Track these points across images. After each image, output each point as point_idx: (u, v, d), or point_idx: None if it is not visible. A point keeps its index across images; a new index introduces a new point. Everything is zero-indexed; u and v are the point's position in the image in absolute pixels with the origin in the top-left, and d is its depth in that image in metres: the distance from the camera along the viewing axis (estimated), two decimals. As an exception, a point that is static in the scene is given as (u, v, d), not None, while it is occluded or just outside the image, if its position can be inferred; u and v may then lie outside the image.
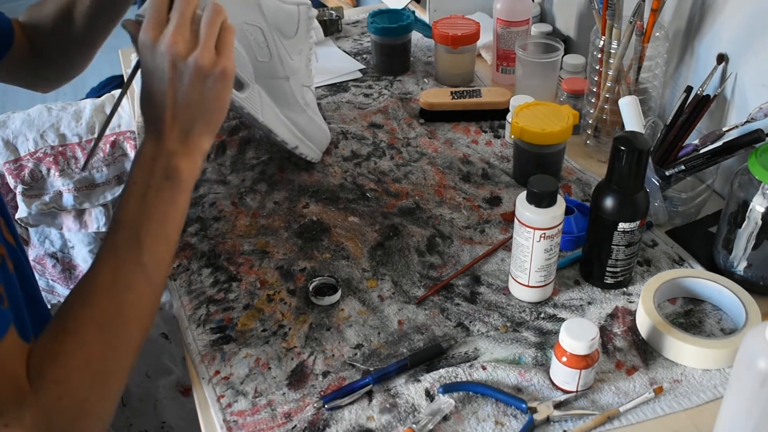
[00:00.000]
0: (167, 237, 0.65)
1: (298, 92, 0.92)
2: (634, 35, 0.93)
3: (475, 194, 0.97)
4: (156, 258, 0.64)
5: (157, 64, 0.64)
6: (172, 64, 0.63)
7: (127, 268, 0.62)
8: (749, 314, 0.73)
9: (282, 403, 0.69)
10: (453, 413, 0.67)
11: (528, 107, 0.97)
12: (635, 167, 0.73)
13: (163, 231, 0.65)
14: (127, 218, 0.64)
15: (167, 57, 0.63)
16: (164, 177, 0.65)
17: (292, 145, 0.95)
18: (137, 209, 0.64)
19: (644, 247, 0.87)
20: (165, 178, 0.65)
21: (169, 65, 0.63)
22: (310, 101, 0.97)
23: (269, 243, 0.89)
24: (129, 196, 0.64)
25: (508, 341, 0.75)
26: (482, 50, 1.30)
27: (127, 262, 0.62)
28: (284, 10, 0.85)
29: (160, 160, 0.65)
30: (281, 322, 0.78)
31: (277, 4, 0.84)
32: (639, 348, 0.74)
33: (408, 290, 0.82)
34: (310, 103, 0.97)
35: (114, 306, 0.61)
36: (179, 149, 0.65)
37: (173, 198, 0.65)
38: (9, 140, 1.34)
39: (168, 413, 0.95)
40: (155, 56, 0.64)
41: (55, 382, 0.56)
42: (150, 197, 0.64)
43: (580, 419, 0.67)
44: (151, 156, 0.65)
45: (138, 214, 0.64)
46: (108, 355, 0.60)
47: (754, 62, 0.89)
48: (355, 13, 1.52)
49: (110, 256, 0.62)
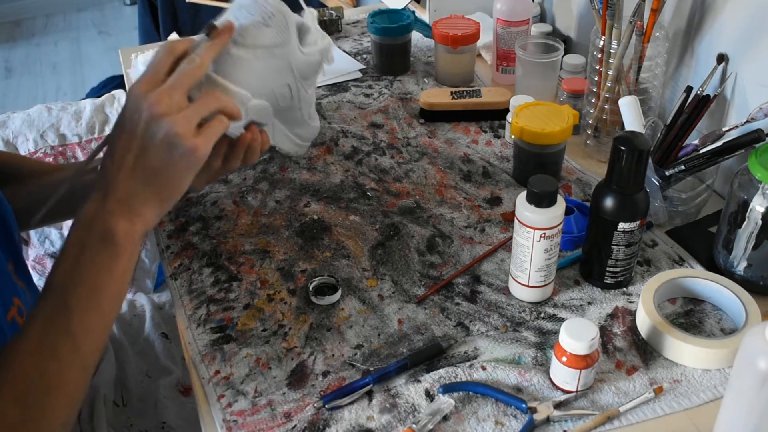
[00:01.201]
0: (100, 306, 0.62)
1: (306, 113, 0.93)
2: (634, 35, 0.93)
3: (476, 194, 0.97)
4: (86, 327, 0.60)
5: (134, 117, 0.62)
6: (148, 121, 0.61)
7: (53, 335, 0.59)
8: (749, 314, 0.73)
9: (282, 403, 0.69)
10: (453, 413, 0.67)
11: (528, 107, 0.97)
12: (635, 167, 0.73)
13: (95, 299, 0.61)
14: (58, 281, 0.61)
15: (146, 112, 0.61)
16: (100, 240, 0.61)
17: (292, 153, 0.96)
18: (69, 272, 0.61)
19: (644, 247, 0.87)
20: (100, 240, 0.61)
21: (145, 121, 0.61)
22: (312, 112, 0.98)
23: (270, 242, 0.89)
24: (63, 257, 0.61)
25: (508, 341, 0.75)
26: (482, 50, 1.30)
27: (54, 328, 0.59)
28: (309, 62, 0.85)
29: (98, 220, 0.62)
30: (281, 322, 0.78)
31: (305, 59, 0.84)
32: (639, 348, 0.74)
33: (408, 289, 0.82)
34: (312, 114, 0.98)
35: (36, 373, 0.58)
36: (119, 210, 0.62)
37: (108, 264, 0.62)
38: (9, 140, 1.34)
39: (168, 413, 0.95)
40: (136, 108, 0.62)
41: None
42: (83, 261, 0.61)
43: (580, 419, 0.67)
44: (91, 215, 0.62)
45: (69, 278, 0.61)
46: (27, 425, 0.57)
47: (754, 62, 0.89)
48: (355, 13, 1.52)
49: (38, 320, 0.60)
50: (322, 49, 0.87)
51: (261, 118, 0.82)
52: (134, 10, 3.87)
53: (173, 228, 0.93)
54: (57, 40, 3.70)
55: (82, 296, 0.60)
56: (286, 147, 0.94)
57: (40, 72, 3.40)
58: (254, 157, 0.81)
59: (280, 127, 0.90)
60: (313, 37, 0.88)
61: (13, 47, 3.64)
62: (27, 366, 0.58)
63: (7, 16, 3.87)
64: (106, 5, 4.06)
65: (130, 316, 1.08)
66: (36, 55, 3.55)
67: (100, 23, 3.88)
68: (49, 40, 3.70)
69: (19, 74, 3.39)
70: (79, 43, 3.67)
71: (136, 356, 1.02)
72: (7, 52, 3.58)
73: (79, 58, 3.51)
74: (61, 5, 3.99)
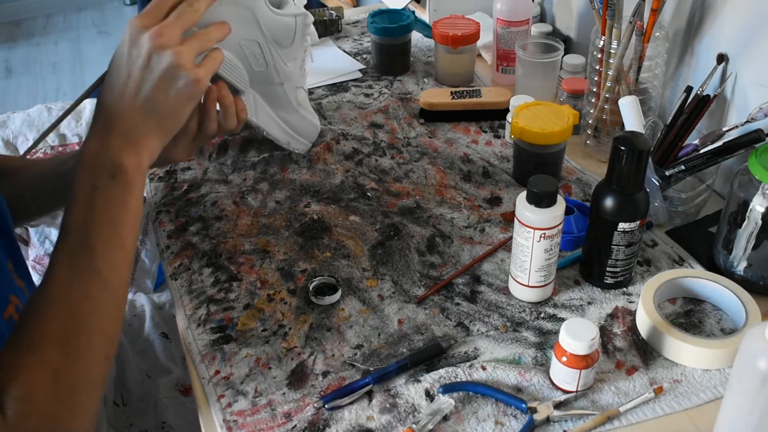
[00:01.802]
0: (121, 240, 0.63)
1: (291, 94, 0.94)
2: (634, 35, 0.93)
3: (476, 194, 0.97)
4: (111, 263, 0.61)
5: (134, 51, 0.63)
6: (149, 53, 0.62)
7: (81, 277, 0.60)
8: (749, 314, 0.73)
9: (282, 403, 0.69)
10: (453, 413, 0.67)
11: (528, 107, 0.97)
12: (635, 167, 0.73)
13: (115, 234, 0.62)
14: (76, 224, 0.61)
15: (147, 45, 0.62)
16: (109, 177, 0.62)
17: (284, 142, 0.97)
18: (85, 214, 0.61)
19: (644, 247, 0.87)
20: (110, 177, 0.62)
21: (146, 53, 0.63)
22: (303, 100, 0.98)
23: (270, 242, 0.89)
24: (75, 201, 0.62)
25: (508, 341, 0.75)
26: (482, 50, 1.30)
27: (81, 269, 0.60)
28: (281, 23, 0.86)
29: (103, 157, 0.62)
30: (281, 322, 0.78)
31: (275, 17, 0.85)
32: (639, 348, 0.74)
33: (408, 290, 0.82)
34: (303, 103, 0.98)
35: (71, 317, 0.59)
36: (125, 144, 0.63)
37: (122, 199, 0.63)
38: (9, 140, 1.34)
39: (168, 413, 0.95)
40: (137, 42, 0.63)
41: (19, 400, 0.55)
42: (97, 200, 0.61)
43: (580, 419, 0.67)
44: (94, 153, 0.62)
45: (85, 219, 0.61)
46: (73, 369, 0.58)
47: (754, 62, 0.89)
48: (355, 13, 1.52)
49: (62, 265, 0.60)
50: (296, 12, 0.87)
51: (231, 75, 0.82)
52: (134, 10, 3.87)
53: (173, 228, 0.93)
54: (57, 40, 3.70)
55: (102, 234, 0.61)
56: (275, 133, 0.95)
57: (40, 72, 3.40)
58: (231, 122, 0.82)
59: (263, 105, 0.90)
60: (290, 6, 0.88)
61: (13, 47, 3.64)
62: (59, 310, 0.58)
63: (7, 16, 3.87)
64: (106, 5, 4.07)
65: (130, 316, 1.08)
66: (36, 55, 3.55)
67: (100, 23, 3.88)
68: (49, 40, 3.70)
69: (19, 74, 3.39)
70: (79, 43, 3.67)
71: (136, 356, 1.02)
72: (7, 52, 3.58)
73: (79, 58, 3.51)
74: (61, 5, 3.99)
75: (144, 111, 0.64)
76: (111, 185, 0.62)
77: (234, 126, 0.83)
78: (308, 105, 1.01)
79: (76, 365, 0.58)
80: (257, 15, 0.83)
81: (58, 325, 0.58)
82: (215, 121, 0.81)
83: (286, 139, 0.97)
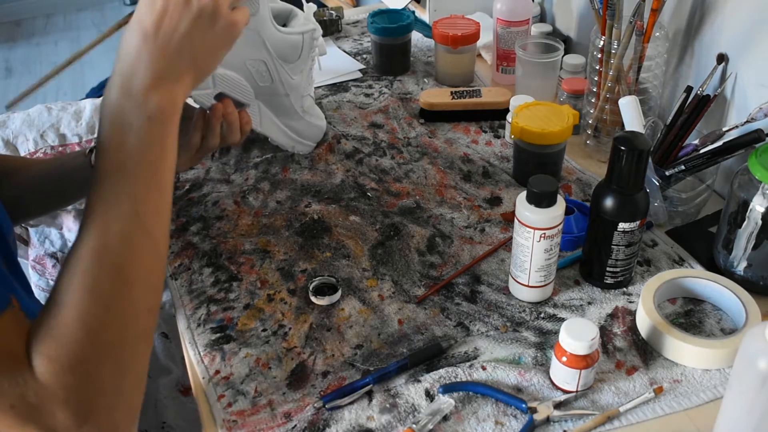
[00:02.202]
0: (160, 185, 0.60)
1: (297, 103, 0.93)
2: (634, 35, 0.93)
3: (476, 194, 0.97)
4: (151, 208, 0.58)
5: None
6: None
7: (119, 223, 0.56)
8: (749, 314, 0.73)
9: (282, 403, 0.69)
10: (453, 413, 0.67)
11: (528, 107, 0.97)
12: (635, 167, 0.73)
13: (155, 179, 0.59)
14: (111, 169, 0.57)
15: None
16: (146, 117, 0.59)
17: (288, 147, 0.97)
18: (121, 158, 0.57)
19: (644, 247, 0.87)
20: (147, 118, 0.59)
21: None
22: (309, 107, 0.98)
23: (270, 242, 0.89)
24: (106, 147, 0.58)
25: (508, 341, 0.75)
26: (482, 50, 1.30)
27: (119, 216, 0.56)
28: (288, 41, 0.85)
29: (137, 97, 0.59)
30: (281, 322, 0.78)
31: (282, 37, 0.84)
32: (639, 348, 0.74)
33: (408, 289, 0.82)
34: (309, 109, 0.98)
35: (110, 267, 0.55)
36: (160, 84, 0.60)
37: (160, 140, 0.59)
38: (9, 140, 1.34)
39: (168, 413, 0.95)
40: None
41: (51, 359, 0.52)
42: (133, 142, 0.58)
43: (580, 419, 0.67)
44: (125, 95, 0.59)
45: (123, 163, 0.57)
46: (112, 324, 0.55)
47: (754, 62, 0.89)
48: (355, 13, 1.52)
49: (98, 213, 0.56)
50: (303, 30, 0.87)
51: (236, 92, 0.82)
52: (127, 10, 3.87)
53: (174, 228, 0.93)
54: (57, 40, 3.70)
55: (141, 179, 0.58)
56: (279, 139, 0.94)
57: (40, 72, 3.39)
58: (234, 136, 0.82)
59: (268, 114, 0.90)
60: (299, 23, 0.88)
61: (13, 47, 3.64)
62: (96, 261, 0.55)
63: (7, 16, 3.87)
64: (106, 5, 4.07)
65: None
66: (36, 55, 3.55)
67: (100, 23, 3.88)
68: (49, 40, 3.70)
69: (19, 74, 3.39)
70: (79, 43, 3.67)
71: (136, 356, 1.02)
72: (7, 52, 3.58)
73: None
74: (61, 5, 3.99)
75: (179, 50, 0.61)
76: (147, 126, 0.58)
77: (237, 140, 0.83)
78: (314, 110, 1.00)
79: (116, 321, 0.55)
80: (263, 36, 0.82)
81: (94, 276, 0.55)
82: (219, 137, 0.81)
83: (291, 144, 0.97)
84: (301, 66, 0.89)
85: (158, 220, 0.59)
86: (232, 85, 0.81)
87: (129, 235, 0.56)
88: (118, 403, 0.55)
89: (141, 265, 0.57)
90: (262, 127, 0.89)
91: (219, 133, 0.81)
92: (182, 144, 0.80)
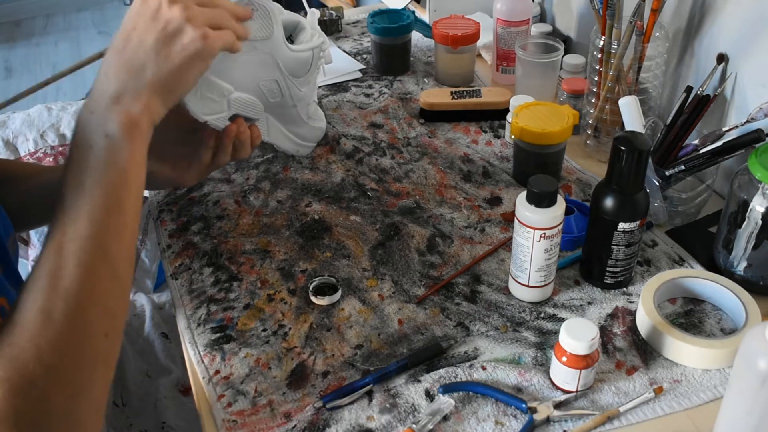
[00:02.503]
0: (119, 204, 0.58)
1: (303, 112, 0.94)
2: (634, 35, 0.93)
3: (476, 194, 0.97)
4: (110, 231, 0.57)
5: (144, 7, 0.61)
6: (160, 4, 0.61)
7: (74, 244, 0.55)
8: (749, 314, 0.73)
9: (282, 403, 0.69)
10: (453, 413, 0.67)
11: (528, 107, 0.97)
12: (635, 167, 0.73)
13: (114, 199, 0.57)
14: (70, 189, 0.57)
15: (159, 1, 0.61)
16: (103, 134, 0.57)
17: (293, 151, 0.97)
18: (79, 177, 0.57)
19: (644, 247, 0.87)
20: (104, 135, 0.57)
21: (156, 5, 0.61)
22: (313, 113, 0.98)
23: (271, 242, 0.89)
24: (68, 165, 0.58)
25: (508, 341, 0.75)
26: (482, 50, 1.30)
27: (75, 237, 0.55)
28: (299, 59, 0.86)
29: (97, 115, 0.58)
30: (281, 322, 0.78)
31: (294, 55, 0.85)
32: (639, 348, 0.74)
33: (408, 289, 0.82)
34: (313, 115, 0.98)
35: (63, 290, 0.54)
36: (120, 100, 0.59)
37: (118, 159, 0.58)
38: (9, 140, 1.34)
39: (168, 413, 0.95)
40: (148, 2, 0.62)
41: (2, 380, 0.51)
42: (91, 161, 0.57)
43: (580, 419, 0.67)
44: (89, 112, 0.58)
45: (82, 181, 0.57)
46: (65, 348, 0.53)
47: (754, 62, 0.89)
48: (355, 13, 1.52)
49: (56, 232, 0.56)
50: (313, 46, 0.87)
51: (248, 112, 0.83)
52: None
53: (174, 227, 0.93)
54: (57, 40, 3.70)
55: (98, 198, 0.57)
56: (284, 146, 0.95)
57: (40, 72, 3.39)
58: (245, 152, 0.83)
59: (275, 124, 0.90)
60: (307, 36, 0.88)
61: (13, 47, 3.64)
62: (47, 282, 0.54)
63: (7, 16, 3.86)
64: (106, 5, 4.06)
65: (130, 315, 1.08)
66: (36, 55, 3.55)
67: (100, 23, 3.88)
68: (49, 40, 3.69)
69: (19, 74, 3.39)
70: (79, 43, 3.66)
71: (135, 356, 1.02)
72: (7, 52, 3.58)
73: (79, 58, 3.48)
74: (61, 5, 3.99)
75: (142, 66, 0.60)
76: (106, 144, 0.57)
77: (248, 155, 0.84)
78: (318, 114, 1.01)
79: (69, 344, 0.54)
80: (277, 57, 0.83)
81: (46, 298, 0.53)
82: (230, 154, 0.82)
83: (295, 149, 0.97)
84: (309, 78, 0.90)
85: (118, 242, 0.58)
86: (245, 107, 0.82)
87: (84, 257, 0.55)
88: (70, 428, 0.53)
89: (97, 289, 0.56)
90: (270, 138, 0.90)
91: (230, 152, 0.82)
92: (193, 161, 0.82)
